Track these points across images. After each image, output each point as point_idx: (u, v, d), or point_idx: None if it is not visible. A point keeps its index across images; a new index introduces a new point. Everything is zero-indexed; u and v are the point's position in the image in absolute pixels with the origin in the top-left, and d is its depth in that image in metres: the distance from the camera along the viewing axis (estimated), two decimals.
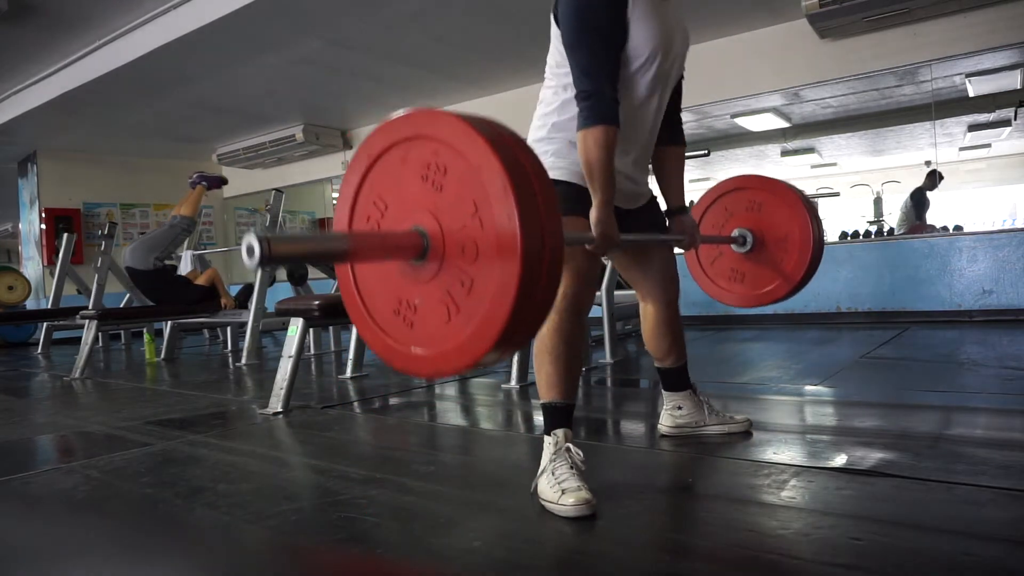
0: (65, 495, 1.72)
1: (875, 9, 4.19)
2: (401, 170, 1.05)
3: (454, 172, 0.98)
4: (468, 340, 0.98)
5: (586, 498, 1.34)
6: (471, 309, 0.97)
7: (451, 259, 0.99)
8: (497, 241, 0.93)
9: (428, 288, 1.03)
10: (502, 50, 5.34)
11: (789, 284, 2.04)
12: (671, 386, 1.93)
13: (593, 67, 1.44)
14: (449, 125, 0.99)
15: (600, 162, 1.43)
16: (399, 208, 1.06)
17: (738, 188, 2.12)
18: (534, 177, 0.96)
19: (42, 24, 4.65)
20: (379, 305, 1.11)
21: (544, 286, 0.97)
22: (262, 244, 0.86)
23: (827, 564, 1.10)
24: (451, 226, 0.99)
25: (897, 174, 9.99)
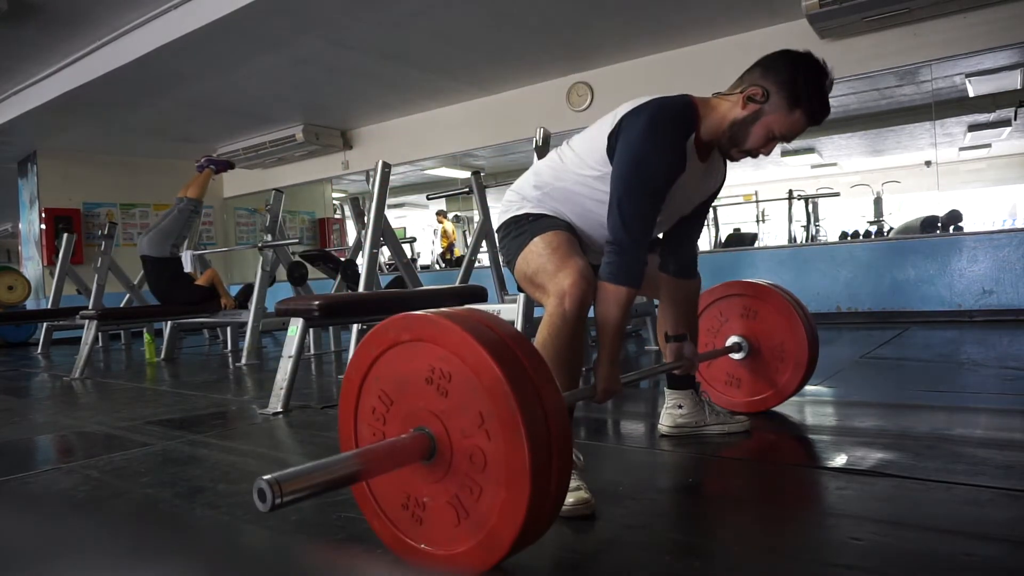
0: (65, 495, 1.72)
1: (875, 9, 4.19)
2: (407, 370, 1.06)
3: (459, 380, 0.99)
4: (480, 547, 0.98)
5: (585, 498, 1.34)
6: (481, 517, 0.98)
7: (459, 465, 1.00)
8: (506, 456, 0.94)
9: (437, 488, 1.03)
10: (502, 50, 5.34)
11: (780, 397, 2.11)
12: (675, 384, 1.94)
13: (636, 225, 1.45)
14: (453, 334, 0.99)
15: (616, 321, 1.45)
16: (405, 406, 1.06)
17: (732, 294, 2.16)
18: (535, 378, 0.98)
19: (42, 24, 4.65)
20: (388, 497, 1.11)
21: (553, 497, 0.98)
22: (273, 488, 0.87)
23: (827, 564, 1.10)
24: (457, 432, 1.00)
25: (897, 174, 10.00)
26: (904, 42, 4.57)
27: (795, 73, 1.44)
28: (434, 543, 1.05)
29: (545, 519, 0.99)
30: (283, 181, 7.92)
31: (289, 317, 2.90)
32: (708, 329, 2.19)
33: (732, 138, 1.51)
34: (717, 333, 2.17)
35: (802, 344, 2.04)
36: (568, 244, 1.54)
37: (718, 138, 1.53)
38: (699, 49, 5.27)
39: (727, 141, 1.52)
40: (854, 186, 9.98)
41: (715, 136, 1.53)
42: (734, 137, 1.50)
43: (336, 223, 10.30)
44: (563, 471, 0.99)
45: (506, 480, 0.94)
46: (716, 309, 2.18)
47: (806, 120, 1.46)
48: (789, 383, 2.08)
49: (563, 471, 0.99)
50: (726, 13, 4.76)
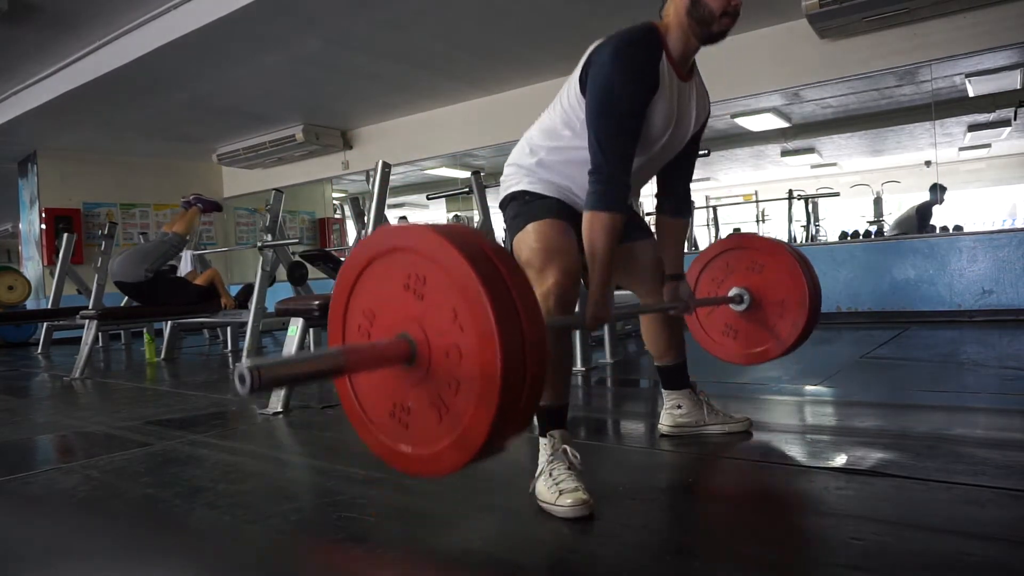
0: (65, 495, 1.72)
1: (875, 9, 4.19)
2: (385, 281, 1.10)
3: (432, 281, 1.03)
4: (459, 440, 1.01)
5: (584, 499, 1.34)
6: (459, 409, 1.01)
7: (438, 363, 1.03)
8: (478, 344, 0.97)
9: (419, 391, 1.07)
10: (502, 50, 5.34)
11: (781, 347, 2.08)
12: (670, 384, 1.94)
13: (612, 151, 1.46)
14: (423, 237, 1.04)
15: (603, 246, 1.46)
16: (387, 317, 1.11)
17: (742, 247, 2.15)
18: (510, 279, 1.00)
19: (42, 24, 4.65)
20: (376, 408, 1.16)
21: (529, 383, 1.00)
22: (252, 373, 0.89)
23: (827, 564, 1.10)
24: (434, 332, 1.04)
25: (897, 174, 10.00)
26: (904, 42, 4.57)
27: None
28: (419, 444, 1.08)
29: (520, 409, 1.00)
30: (283, 181, 7.92)
31: (289, 317, 2.90)
32: (712, 279, 2.17)
33: (700, 20, 1.51)
34: (721, 284, 2.15)
35: (804, 300, 2.01)
36: (558, 236, 1.55)
37: (690, 37, 1.54)
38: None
39: (699, 27, 1.52)
40: (854, 186, 9.98)
41: (686, 40, 1.54)
42: (701, 18, 1.51)
43: (336, 223, 10.30)
44: (537, 347, 1.00)
45: (479, 366, 0.97)
46: (723, 260, 2.16)
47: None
48: (790, 334, 2.05)
49: (537, 347, 1.00)
50: None
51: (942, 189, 7.01)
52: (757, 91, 5.33)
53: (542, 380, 1.02)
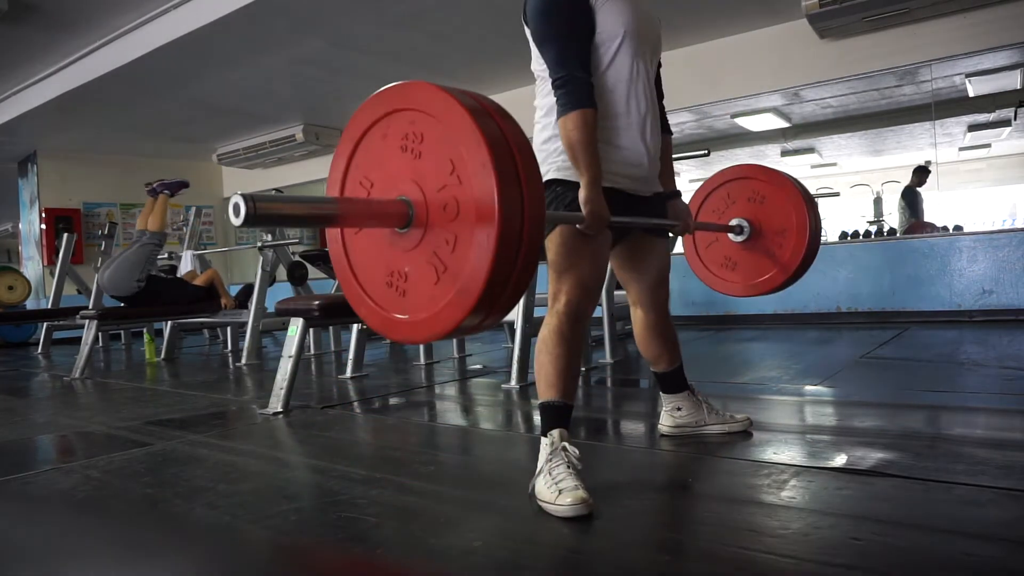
0: (65, 495, 1.72)
1: (875, 9, 4.19)
2: (382, 146, 1.09)
3: (430, 136, 1.02)
4: (456, 296, 1.00)
5: (583, 497, 1.34)
6: (457, 266, 1.00)
7: (435, 220, 1.02)
8: (475, 194, 0.96)
9: (416, 253, 1.06)
10: (502, 50, 5.34)
11: (785, 273, 2.06)
12: (668, 388, 1.93)
13: (563, 55, 1.49)
14: (421, 93, 1.02)
15: (582, 143, 1.46)
16: (384, 183, 1.09)
17: (744, 177, 2.13)
18: (508, 132, 0.99)
19: (42, 24, 4.65)
20: (372, 279, 1.14)
21: (526, 242, 0.98)
22: (247, 203, 0.88)
23: (827, 564, 1.10)
24: (432, 189, 1.02)
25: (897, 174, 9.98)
26: (904, 42, 4.57)
27: None
28: (416, 310, 1.07)
29: (518, 259, 0.99)
30: (283, 181, 7.92)
31: (289, 317, 2.90)
32: (713, 210, 2.16)
33: None
34: (722, 215, 2.15)
35: (803, 227, 2.01)
36: (583, 244, 1.55)
37: None
38: (699, 49, 5.26)
39: None
40: (854, 186, 9.98)
41: None
42: None
43: None
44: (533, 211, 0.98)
45: (477, 216, 0.96)
46: (724, 191, 2.15)
47: None
48: (792, 259, 2.04)
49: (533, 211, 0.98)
50: (726, 13, 4.76)
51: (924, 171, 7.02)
52: (757, 91, 5.33)
53: (540, 231, 1.01)
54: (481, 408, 2.73)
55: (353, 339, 3.64)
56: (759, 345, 4.27)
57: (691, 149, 6.35)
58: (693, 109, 5.80)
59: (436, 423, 2.56)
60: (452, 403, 2.84)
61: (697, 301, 5.51)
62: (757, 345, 4.28)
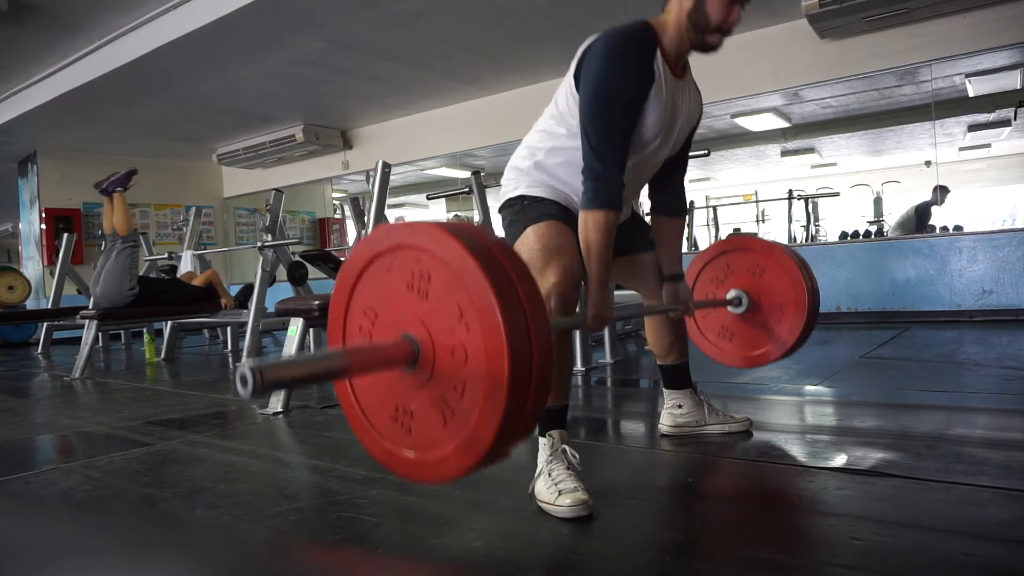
0: (65, 495, 1.72)
1: (875, 9, 4.19)
2: (387, 279, 1.07)
3: (437, 279, 1.00)
4: (465, 444, 0.99)
5: (583, 499, 1.34)
6: (465, 413, 0.98)
7: (442, 364, 1.01)
8: (484, 343, 0.95)
9: (423, 393, 1.04)
10: (502, 50, 5.34)
11: (780, 350, 2.08)
12: (672, 383, 1.94)
13: (606, 151, 1.46)
14: (428, 234, 1.00)
15: (599, 245, 1.46)
16: (389, 316, 1.08)
17: (743, 248, 2.14)
18: (516, 278, 0.98)
19: (42, 24, 4.65)
20: (377, 412, 1.12)
21: (536, 384, 0.98)
22: (254, 374, 0.87)
23: (827, 564, 1.10)
24: (439, 332, 1.01)
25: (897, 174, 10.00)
26: (904, 42, 4.57)
27: None
28: (423, 449, 1.05)
29: (528, 410, 0.98)
30: (283, 181, 7.92)
31: (289, 317, 2.90)
32: (712, 279, 2.17)
33: (697, 27, 1.52)
34: (720, 284, 2.15)
35: (802, 304, 2.02)
36: (557, 237, 1.55)
37: (685, 39, 1.54)
38: None
39: (695, 33, 1.52)
40: (854, 186, 9.98)
41: (681, 40, 1.54)
42: (698, 25, 1.51)
43: (336, 223, 10.30)
44: (543, 359, 0.98)
45: (486, 368, 0.94)
46: (723, 261, 2.16)
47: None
48: (790, 335, 2.05)
49: (543, 359, 0.98)
50: None
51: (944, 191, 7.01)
52: (757, 91, 5.33)
53: (549, 380, 1.01)
54: None
55: None
56: None
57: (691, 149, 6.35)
58: None
59: None
60: None
61: None
62: None
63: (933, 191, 7.04)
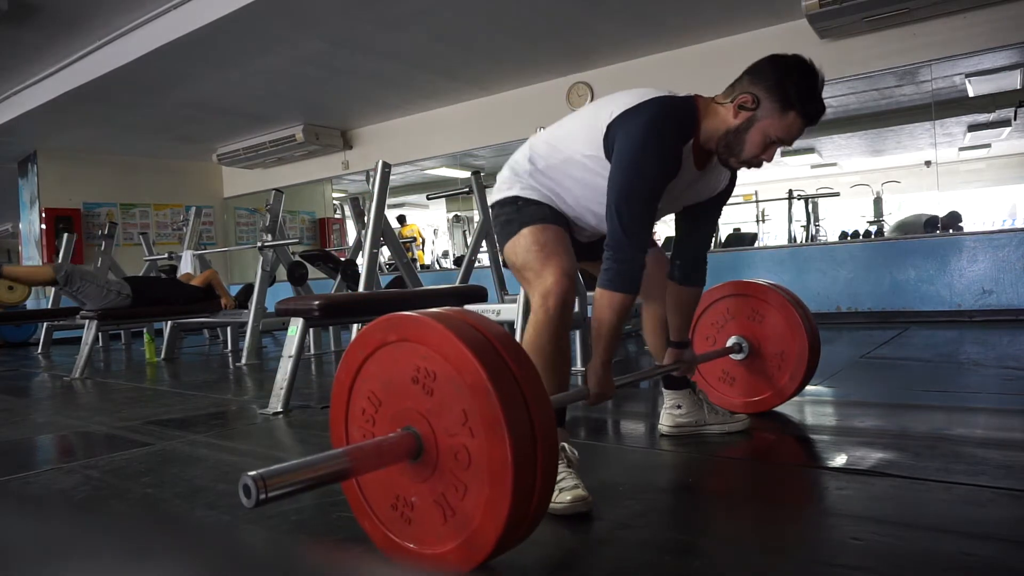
0: (65, 495, 1.72)
1: (875, 9, 4.19)
2: (393, 370, 1.07)
3: (443, 379, 1.00)
4: (465, 545, 0.98)
5: (582, 495, 1.34)
6: (467, 514, 0.98)
7: (445, 463, 1.00)
8: (488, 451, 0.94)
9: (424, 488, 1.03)
10: (502, 50, 5.34)
11: (780, 398, 2.10)
12: (670, 384, 1.94)
13: (634, 231, 1.44)
14: (436, 333, 1.00)
15: (611, 327, 1.46)
16: (393, 406, 1.07)
17: (743, 294, 2.14)
18: (521, 377, 0.98)
19: (42, 24, 4.65)
20: (378, 498, 1.12)
21: (538, 494, 0.98)
22: (257, 484, 0.88)
23: (827, 564, 1.10)
24: (443, 432, 1.00)
25: (897, 174, 9.99)
26: (904, 42, 4.57)
27: (784, 75, 1.43)
28: (422, 542, 1.05)
29: (530, 517, 0.99)
30: (283, 181, 7.91)
31: (289, 317, 2.90)
32: (712, 323, 2.18)
33: (728, 147, 1.49)
34: (721, 329, 2.17)
35: (803, 353, 2.04)
36: (554, 239, 1.55)
37: (715, 146, 1.51)
38: (699, 49, 5.26)
39: (724, 150, 1.50)
40: (854, 186, 9.98)
41: (712, 144, 1.51)
42: (730, 146, 1.48)
43: (336, 223, 10.30)
44: (548, 467, 0.98)
45: (489, 477, 0.94)
46: (723, 306, 2.17)
47: (801, 121, 1.45)
48: (788, 386, 2.08)
49: (548, 467, 0.98)
50: (726, 13, 4.76)
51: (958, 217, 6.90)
52: None
53: (552, 485, 1.00)
54: None
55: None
56: None
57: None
58: None
59: None
60: None
61: None
62: None
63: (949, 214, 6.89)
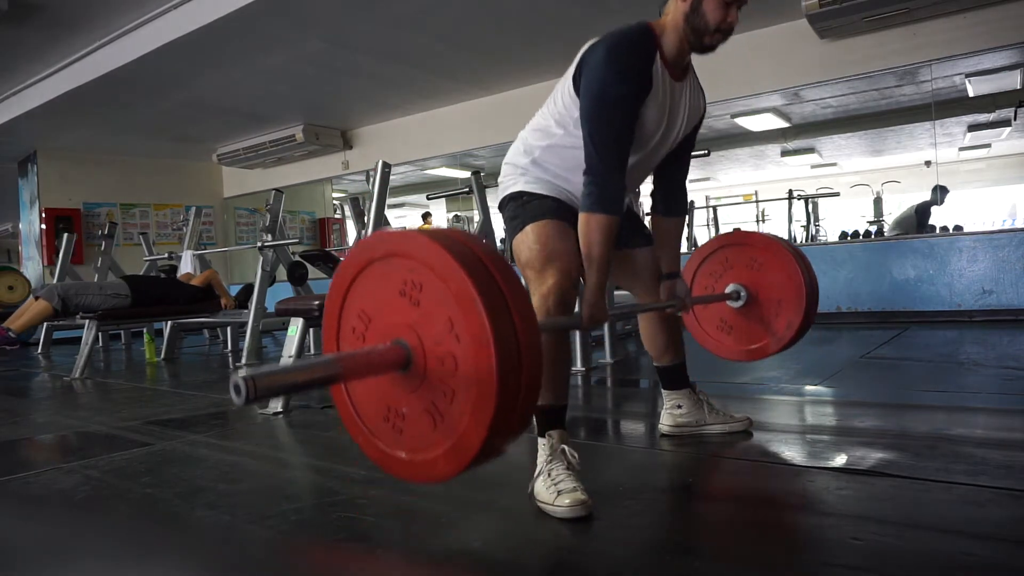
0: (65, 495, 1.72)
1: (875, 9, 4.19)
2: (381, 285, 1.10)
3: (429, 289, 1.02)
4: (454, 448, 1.01)
5: (582, 499, 1.34)
6: (454, 419, 1.01)
7: (433, 371, 1.03)
8: (474, 357, 0.97)
9: (414, 398, 1.07)
10: (502, 50, 5.34)
11: (778, 344, 2.09)
12: (670, 384, 1.94)
13: (608, 154, 1.46)
14: (421, 245, 1.02)
15: (600, 248, 1.47)
16: (382, 322, 1.10)
17: (742, 243, 2.15)
18: (506, 288, 0.99)
19: (42, 24, 4.65)
20: (370, 412, 1.16)
21: (525, 394, 1.00)
22: (247, 384, 0.89)
23: (827, 564, 1.10)
24: (430, 340, 1.03)
25: (897, 174, 10.00)
26: (904, 42, 4.57)
27: None
28: (413, 450, 1.09)
29: (515, 417, 1.00)
30: (283, 181, 7.92)
31: (289, 317, 2.90)
32: (711, 273, 2.18)
33: (695, 30, 1.52)
34: (719, 279, 2.16)
35: (800, 300, 2.02)
36: (557, 236, 1.55)
37: (685, 43, 1.54)
38: None
39: (694, 37, 1.53)
40: (854, 186, 9.98)
41: (680, 43, 1.54)
42: (696, 29, 1.52)
43: (336, 223, 10.30)
44: (532, 372, 1.00)
45: (475, 378, 0.97)
46: (721, 255, 2.16)
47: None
48: (785, 333, 2.05)
49: (532, 372, 1.00)
50: None
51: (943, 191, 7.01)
52: (757, 91, 5.33)
53: (537, 389, 1.03)
54: None
55: None
56: None
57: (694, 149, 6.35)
58: None
59: None
60: None
61: None
62: None
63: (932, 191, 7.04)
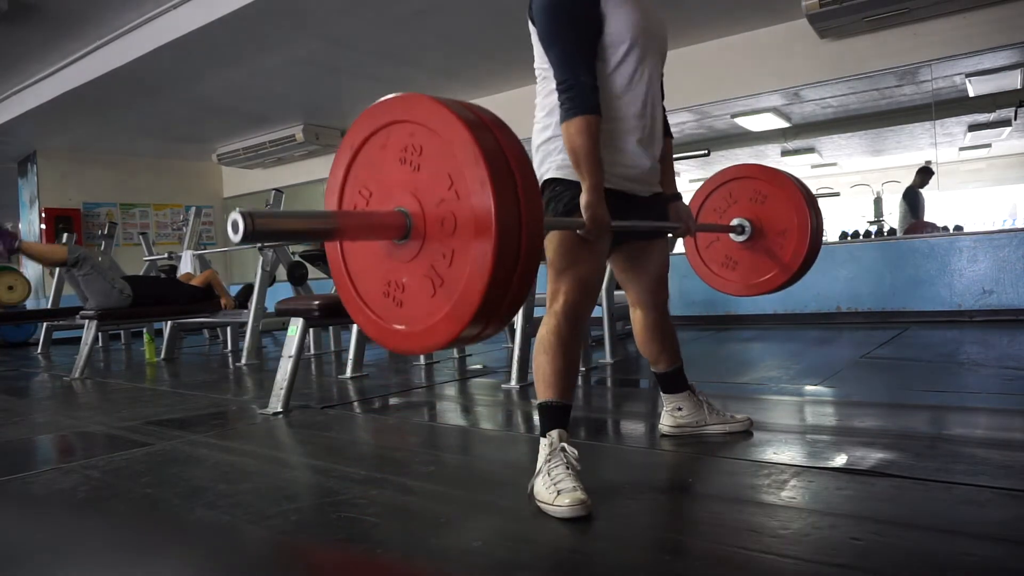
0: (65, 495, 1.72)
1: (875, 9, 4.19)
2: (381, 156, 1.10)
3: (429, 150, 1.02)
4: (453, 310, 1.01)
5: (581, 499, 1.34)
6: (453, 280, 1.01)
7: (432, 234, 1.03)
8: (473, 210, 0.97)
9: (413, 265, 1.07)
10: (502, 50, 5.34)
11: (786, 274, 2.07)
12: (668, 388, 1.93)
13: (569, 58, 1.47)
14: (421, 106, 1.03)
15: (584, 148, 1.45)
16: (382, 193, 1.11)
17: (746, 176, 2.14)
18: (506, 145, 0.99)
19: (42, 24, 4.65)
20: (370, 289, 1.16)
21: (524, 255, 0.99)
22: (245, 220, 0.88)
23: (827, 564, 1.10)
24: (430, 202, 1.03)
25: (897, 174, 9.97)
26: (904, 42, 4.57)
27: None
28: (412, 321, 1.09)
29: (514, 277, 1.00)
30: (283, 181, 7.92)
31: (289, 317, 2.90)
32: (715, 209, 2.17)
33: None
34: (723, 214, 2.15)
35: (805, 228, 2.02)
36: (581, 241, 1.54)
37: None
38: (699, 49, 5.26)
39: None
40: (854, 186, 9.98)
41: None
42: None
43: None
44: (532, 221, 0.99)
45: (474, 231, 0.96)
46: (725, 190, 2.15)
47: None
48: (794, 259, 2.04)
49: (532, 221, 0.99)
50: (726, 13, 4.76)
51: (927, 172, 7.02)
52: (757, 91, 5.33)
53: (538, 245, 1.02)
54: (481, 408, 2.73)
55: (353, 339, 3.64)
56: (759, 345, 4.27)
57: (691, 149, 6.35)
58: (693, 109, 5.80)
59: (436, 423, 2.56)
60: (452, 403, 2.83)
61: (697, 301, 5.51)
62: (757, 345, 4.28)
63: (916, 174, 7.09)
